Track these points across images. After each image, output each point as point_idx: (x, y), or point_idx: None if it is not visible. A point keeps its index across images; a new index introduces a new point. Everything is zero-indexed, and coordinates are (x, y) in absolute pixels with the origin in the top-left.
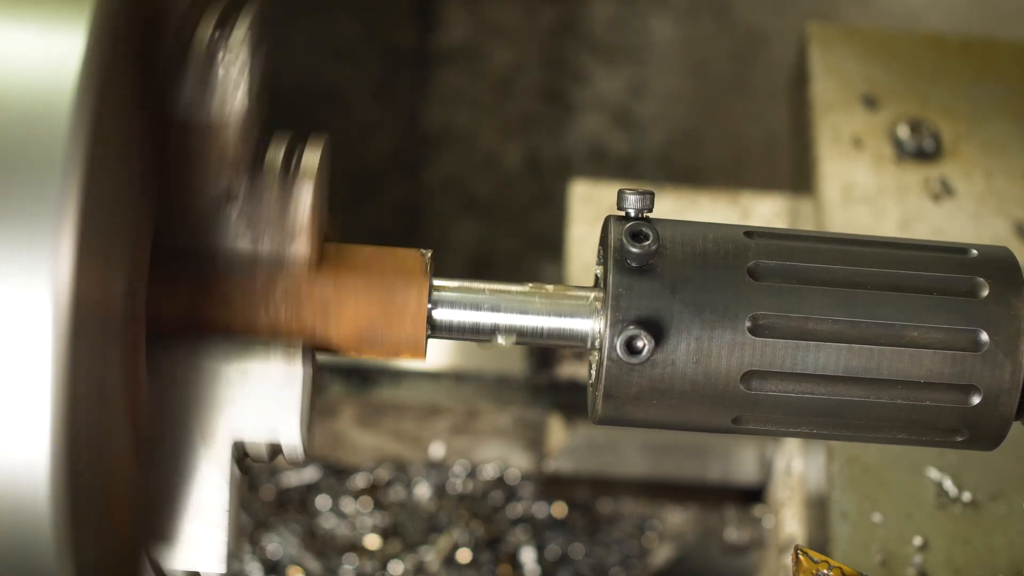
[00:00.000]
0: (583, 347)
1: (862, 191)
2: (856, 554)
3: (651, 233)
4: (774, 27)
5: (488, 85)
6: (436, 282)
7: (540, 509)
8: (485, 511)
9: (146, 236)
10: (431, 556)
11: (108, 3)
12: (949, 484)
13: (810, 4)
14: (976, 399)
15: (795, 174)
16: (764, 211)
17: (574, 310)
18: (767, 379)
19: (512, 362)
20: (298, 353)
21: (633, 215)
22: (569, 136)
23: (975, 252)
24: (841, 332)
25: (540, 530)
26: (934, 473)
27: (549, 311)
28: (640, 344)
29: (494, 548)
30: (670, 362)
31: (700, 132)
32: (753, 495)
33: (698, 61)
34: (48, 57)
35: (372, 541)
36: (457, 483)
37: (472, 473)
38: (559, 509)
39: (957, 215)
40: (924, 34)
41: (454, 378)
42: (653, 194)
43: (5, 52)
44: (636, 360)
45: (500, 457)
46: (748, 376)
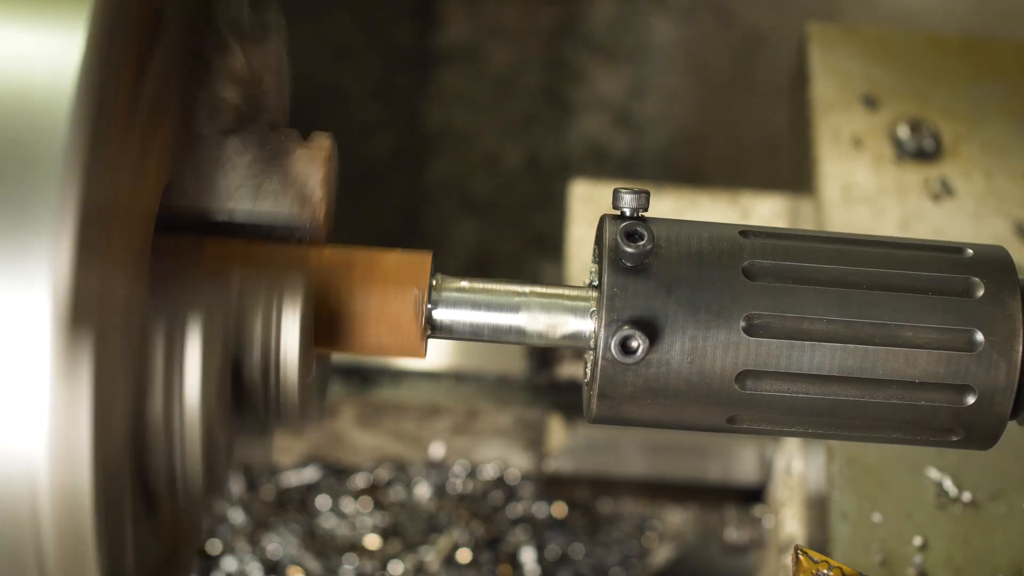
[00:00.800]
0: (578, 347)
1: (862, 191)
2: (856, 554)
3: (646, 233)
4: (774, 27)
5: (488, 85)
6: (436, 282)
7: (540, 509)
8: (485, 511)
9: (147, 235)
10: (431, 556)
11: (108, 3)
12: (949, 484)
13: (810, 4)
14: (971, 399)
15: (795, 174)
16: (764, 211)
17: (570, 310)
18: (762, 379)
19: (512, 362)
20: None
21: (628, 214)
22: (569, 136)
23: (970, 252)
24: (836, 332)
25: (540, 530)
26: (934, 473)
27: (545, 311)
28: (635, 344)
29: (494, 548)
30: (665, 362)
31: (700, 132)
32: (753, 495)
33: (698, 61)
34: (48, 57)
35: (372, 541)
36: (457, 483)
37: (472, 473)
38: (559, 509)
39: (957, 215)
40: (924, 34)
41: (454, 378)
42: (648, 193)
43: (5, 52)
44: (631, 360)
45: (500, 457)
46: (743, 376)
